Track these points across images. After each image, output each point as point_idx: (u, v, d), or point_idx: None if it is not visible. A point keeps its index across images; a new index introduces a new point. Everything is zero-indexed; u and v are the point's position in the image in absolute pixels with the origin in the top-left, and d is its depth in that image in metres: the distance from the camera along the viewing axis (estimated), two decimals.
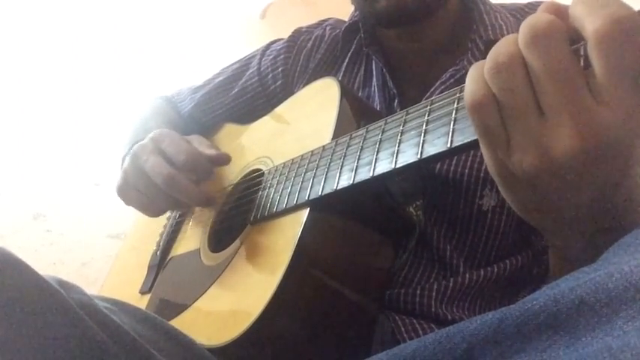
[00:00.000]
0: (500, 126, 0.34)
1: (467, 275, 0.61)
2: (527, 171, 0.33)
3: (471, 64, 0.64)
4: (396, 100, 0.68)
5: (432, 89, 0.65)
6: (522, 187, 0.35)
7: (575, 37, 0.32)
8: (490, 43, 0.64)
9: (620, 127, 0.30)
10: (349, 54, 0.76)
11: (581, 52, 0.31)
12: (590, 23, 0.30)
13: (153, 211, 0.70)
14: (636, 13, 0.30)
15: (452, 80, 0.65)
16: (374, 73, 0.71)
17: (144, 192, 0.68)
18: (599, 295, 0.28)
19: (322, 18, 0.86)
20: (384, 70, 0.70)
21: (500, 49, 0.34)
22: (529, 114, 0.32)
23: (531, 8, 0.69)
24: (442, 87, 0.65)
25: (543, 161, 0.33)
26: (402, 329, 0.59)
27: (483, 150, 0.36)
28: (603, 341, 0.26)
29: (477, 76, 0.35)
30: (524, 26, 0.32)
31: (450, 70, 0.65)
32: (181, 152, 0.65)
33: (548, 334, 0.29)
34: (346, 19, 0.78)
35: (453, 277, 0.61)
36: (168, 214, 0.81)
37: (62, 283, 0.42)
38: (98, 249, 1.61)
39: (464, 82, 0.65)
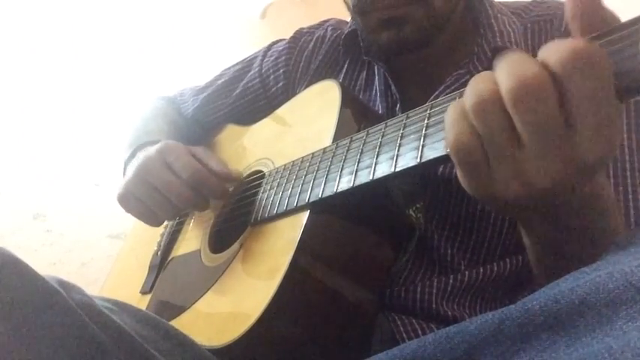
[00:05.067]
0: (484, 161, 0.35)
1: (467, 273, 0.61)
2: (510, 198, 0.35)
3: (476, 68, 0.64)
4: (398, 105, 0.67)
5: (435, 93, 0.65)
6: (502, 205, 0.38)
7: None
8: (497, 50, 0.63)
9: (593, 149, 0.32)
10: (350, 56, 0.76)
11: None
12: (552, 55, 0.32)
13: (152, 220, 0.70)
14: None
15: (456, 84, 0.64)
16: (376, 76, 0.71)
17: (144, 200, 0.68)
18: (600, 295, 0.28)
19: (322, 18, 0.86)
20: (387, 74, 0.69)
21: (481, 89, 0.35)
22: (512, 149, 0.34)
23: (536, 6, 0.69)
24: (447, 91, 0.64)
25: (526, 190, 0.34)
26: (402, 329, 0.59)
27: (464, 179, 0.37)
28: (603, 341, 0.26)
29: (458, 118, 0.36)
30: (512, 80, 0.33)
31: (455, 73, 0.65)
32: (187, 168, 0.65)
33: (549, 334, 0.29)
34: (346, 18, 0.78)
35: (453, 274, 0.61)
36: None
37: (62, 283, 0.42)
38: (98, 249, 1.61)
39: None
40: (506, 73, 0.33)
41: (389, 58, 0.70)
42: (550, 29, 0.66)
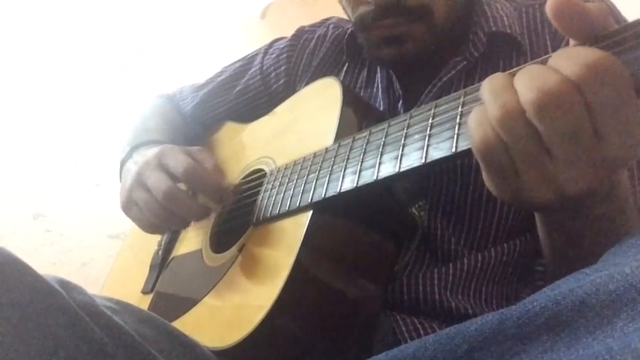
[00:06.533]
0: (511, 165, 0.35)
1: (465, 261, 0.61)
2: (539, 203, 0.36)
3: (471, 54, 0.64)
4: (401, 101, 0.67)
5: (433, 81, 0.65)
6: (529, 208, 0.39)
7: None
8: (492, 35, 0.64)
9: (620, 153, 0.33)
10: (352, 54, 0.76)
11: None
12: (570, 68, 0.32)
13: (151, 227, 0.70)
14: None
15: (453, 72, 0.64)
16: (378, 73, 0.71)
17: (144, 207, 0.67)
18: (600, 296, 0.28)
19: (322, 18, 0.86)
20: (391, 71, 0.69)
21: (504, 100, 0.34)
22: (540, 157, 0.34)
23: None
24: (444, 78, 0.64)
25: (557, 196, 0.35)
26: (403, 329, 0.59)
27: (491, 182, 0.37)
28: (604, 342, 0.26)
29: (483, 120, 0.36)
30: (534, 92, 0.33)
31: (451, 61, 0.65)
32: (181, 166, 0.64)
33: (549, 335, 0.30)
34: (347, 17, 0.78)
35: (452, 262, 0.61)
36: None
37: (63, 283, 0.42)
38: (98, 249, 1.61)
39: (464, 73, 0.65)
40: (528, 85, 0.33)
41: None
42: (545, 13, 0.66)
